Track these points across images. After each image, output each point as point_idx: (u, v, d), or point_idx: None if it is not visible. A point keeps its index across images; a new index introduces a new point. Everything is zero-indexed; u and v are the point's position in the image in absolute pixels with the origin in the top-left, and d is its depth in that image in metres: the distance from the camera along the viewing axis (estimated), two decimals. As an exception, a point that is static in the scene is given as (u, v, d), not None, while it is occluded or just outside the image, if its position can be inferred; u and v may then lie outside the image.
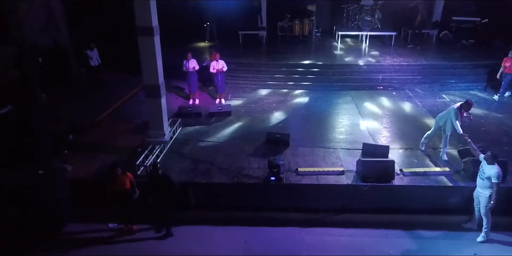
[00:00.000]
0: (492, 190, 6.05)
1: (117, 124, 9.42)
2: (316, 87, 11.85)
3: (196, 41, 15.22)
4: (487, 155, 6.10)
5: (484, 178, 6.12)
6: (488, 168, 6.06)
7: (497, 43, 14.03)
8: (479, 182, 6.25)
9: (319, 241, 6.58)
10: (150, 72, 7.53)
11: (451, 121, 7.28)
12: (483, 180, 6.15)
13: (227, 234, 6.78)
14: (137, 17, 7.08)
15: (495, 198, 6.02)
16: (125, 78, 12.24)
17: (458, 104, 7.37)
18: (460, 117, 7.25)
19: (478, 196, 6.32)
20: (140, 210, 6.70)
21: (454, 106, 7.36)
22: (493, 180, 5.97)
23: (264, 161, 7.44)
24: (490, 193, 6.08)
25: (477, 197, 6.38)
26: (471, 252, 6.23)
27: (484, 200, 6.16)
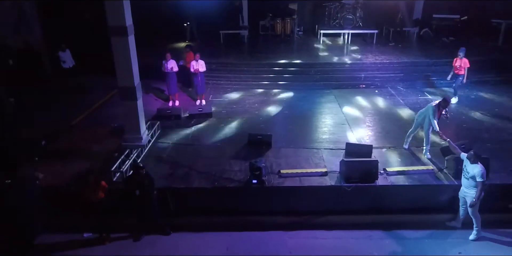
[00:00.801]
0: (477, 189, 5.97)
1: (93, 129, 9.05)
2: (298, 87, 11.71)
3: (176, 41, 14.90)
4: (470, 154, 6.02)
5: (468, 178, 6.04)
6: (471, 167, 5.98)
7: (477, 40, 14.17)
8: (464, 182, 6.17)
9: (303, 245, 6.41)
10: (124, 74, 7.23)
11: (429, 119, 7.27)
12: (468, 180, 6.07)
13: (208, 240, 6.54)
14: (109, 16, 6.78)
15: (478, 196, 5.95)
16: (102, 81, 11.83)
17: (436, 102, 7.38)
18: (437, 115, 7.26)
19: (465, 196, 6.23)
20: (116, 219, 6.40)
21: (433, 103, 7.37)
22: (478, 179, 5.89)
23: (245, 164, 7.22)
24: None
25: (463, 197, 6.30)
26: (456, 251, 6.16)
27: (471, 199, 6.08)
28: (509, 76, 11.96)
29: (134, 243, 6.51)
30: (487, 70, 12.12)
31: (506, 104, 10.28)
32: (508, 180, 6.80)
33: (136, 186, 6.11)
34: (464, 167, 6.15)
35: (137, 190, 6.09)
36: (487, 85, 11.55)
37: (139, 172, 6.14)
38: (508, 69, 12.09)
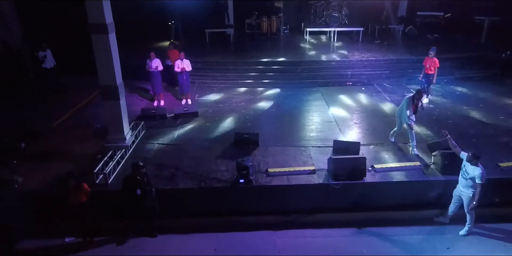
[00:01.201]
0: (475, 190, 5.93)
1: (76, 130, 8.80)
2: (285, 85, 11.63)
3: (161, 40, 14.67)
4: (469, 157, 5.93)
5: (467, 178, 5.98)
6: (471, 168, 5.91)
7: (460, 37, 14.32)
8: (462, 182, 6.10)
9: (292, 244, 6.33)
10: (106, 72, 7.01)
11: (406, 112, 7.39)
12: (466, 180, 6.01)
13: (195, 242, 6.40)
14: (89, 13, 6.56)
15: (478, 199, 5.90)
16: (84, 81, 11.53)
17: (410, 95, 7.55)
18: (412, 107, 7.37)
19: (460, 195, 6.18)
20: (99, 223, 6.22)
21: (407, 96, 7.52)
22: (477, 181, 5.84)
23: (232, 163, 7.10)
24: (473, 193, 5.96)
25: (458, 195, 6.25)
26: (444, 247, 6.16)
27: (468, 199, 6.05)
28: (492, 72, 12.12)
29: (119, 247, 6.31)
30: (471, 66, 12.28)
31: (490, 100, 10.39)
32: (494, 175, 6.81)
33: (137, 185, 5.95)
34: (463, 167, 6.07)
35: (138, 189, 5.93)
36: (471, 81, 11.67)
37: (139, 171, 5.98)
38: (491, 65, 12.25)
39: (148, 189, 6.07)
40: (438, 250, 6.09)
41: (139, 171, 5.96)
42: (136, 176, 5.95)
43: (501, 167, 7.01)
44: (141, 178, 5.97)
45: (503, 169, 6.97)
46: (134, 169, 5.97)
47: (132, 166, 6.02)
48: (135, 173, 5.96)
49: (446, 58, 12.45)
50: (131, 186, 5.93)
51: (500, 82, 11.59)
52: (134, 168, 5.97)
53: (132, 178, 5.98)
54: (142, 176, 5.99)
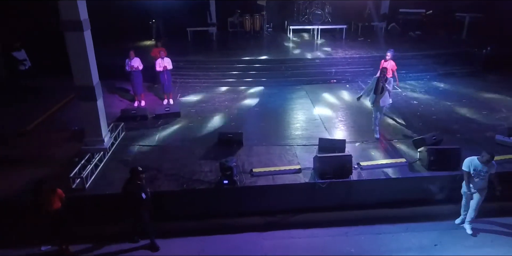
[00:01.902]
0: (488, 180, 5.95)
1: (51, 133, 8.45)
2: (269, 83, 11.48)
3: (142, 39, 14.35)
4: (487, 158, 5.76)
5: (486, 176, 5.90)
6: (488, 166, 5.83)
7: (442, 33, 14.43)
8: (480, 183, 5.96)
9: (279, 245, 6.16)
10: (82, 72, 6.72)
11: (372, 93, 7.75)
12: (483, 180, 5.93)
13: (179, 246, 6.16)
14: (62, 9, 6.26)
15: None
16: (61, 82, 11.15)
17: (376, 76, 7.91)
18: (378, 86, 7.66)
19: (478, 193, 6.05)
20: (75, 229, 5.94)
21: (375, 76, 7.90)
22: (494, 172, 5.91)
23: (216, 164, 6.88)
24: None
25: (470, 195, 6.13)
26: (432, 243, 6.09)
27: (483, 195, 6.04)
28: (474, 67, 12.23)
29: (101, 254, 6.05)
30: (453, 63, 12.37)
31: (472, 95, 10.46)
32: (479, 170, 6.80)
33: (140, 189, 5.71)
34: (477, 171, 5.89)
35: (143, 193, 5.69)
36: (454, 77, 11.74)
37: (139, 176, 5.73)
38: (472, 61, 12.35)
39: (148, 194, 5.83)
40: (425, 247, 6.02)
41: (139, 176, 5.72)
42: (137, 181, 5.71)
43: (485, 162, 6.98)
44: (141, 182, 5.74)
45: (488, 164, 6.94)
46: (134, 174, 5.71)
47: (131, 171, 5.76)
48: (136, 179, 5.71)
49: (429, 54, 12.60)
50: (136, 190, 5.68)
51: (482, 78, 11.69)
52: (134, 174, 5.71)
53: (133, 183, 5.72)
54: (142, 180, 5.76)
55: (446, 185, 6.77)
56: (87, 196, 6.33)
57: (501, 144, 7.58)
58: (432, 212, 6.69)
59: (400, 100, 10.22)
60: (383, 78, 7.64)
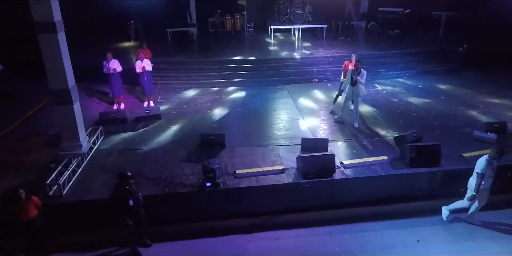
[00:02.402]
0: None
1: (26, 139, 8.16)
2: (251, 83, 11.42)
3: (120, 40, 14.09)
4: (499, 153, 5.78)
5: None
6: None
7: (420, 32, 14.67)
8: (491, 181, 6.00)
9: (263, 247, 6.11)
10: (56, 75, 6.51)
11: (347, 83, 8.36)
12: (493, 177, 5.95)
13: (161, 251, 6.04)
14: (34, 11, 6.04)
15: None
16: (36, 86, 10.83)
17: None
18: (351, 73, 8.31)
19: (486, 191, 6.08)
20: (53, 238, 5.75)
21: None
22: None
23: (198, 166, 6.78)
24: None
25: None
26: (414, 239, 6.15)
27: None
28: (451, 65, 12.48)
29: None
30: (431, 60, 12.59)
31: (450, 92, 10.65)
32: (459, 165, 6.93)
33: (129, 195, 5.55)
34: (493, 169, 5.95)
35: (130, 200, 5.52)
36: (433, 75, 11.95)
37: (128, 181, 5.57)
38: (449, 59, 12.61)
39: (137, 198, 5.69)
40: (408, 243, 6.08)
41: (128, 181, 5.56)
42: (126, 187, 5.55)
43: (465, 158, 7.12)
44: (130, 188, 5.59)
45: (467, 159, 7.07)
46: (123, 180, 5.55)
47: (120, 176, 5.60)
48: (124, 184, 5.55)
49: (408, 52, 12.79)
50: (123, 197, 5.52)
51: (459, 75, 11.93)
52: (123, 179, 5.55)
53: (122, 189, 5.57)
54: (131, 186, 5.61)
55: (427, 182, 6.86)
56: (64, 203, 6.13)
57: (479, 139, 7.73)
58: (414, 209, 6.77)
59: (381, 98, 10.33)
60: (356, 72, 8.17)
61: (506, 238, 6.14)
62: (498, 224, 6.43)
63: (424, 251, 5.93)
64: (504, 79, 11.45)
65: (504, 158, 7.03)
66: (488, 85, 11.00)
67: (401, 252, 5.91)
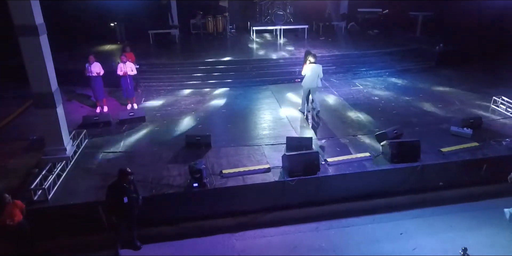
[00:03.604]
0: None
1: (7, 143, 8.02)
2: (235, 84, 11.51)
3: (102, 43, 13.95)
4: None
5: None
6: None
7: (398, 31, 15.07)
8: None
9: (251, 245, 6.21)
10: (39, 79, 6.43)
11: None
12: None
13: (149, 252, 6.07)
14: (15, 14, 5.97)
15: None
16: (15, 89, 10.65)
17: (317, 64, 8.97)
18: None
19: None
20: (39, 243, 5.70)
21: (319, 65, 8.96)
22: None
23: (185, 167, 6.84)
24: None
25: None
26: (398, 232, 6.37)
27: None
28: (428, 63, 12.88)
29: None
30: (409, 59, 12.95)
31: (428, 90, 11.00)
32: (437, 160, 7.20)
33: (124, 193, 5.54)
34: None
35: (125, 197, 5.50)
36: (410, 73, 12.30)
37: (127, 177, 5.56)
38: (426, 58, 13.01)
39: (135, 197, 5.69)
40: (392, 236, 6.29)
41: (126, 178, 5.55)
42: (123, 184, 5.54)
43: (443, 152, 7.40)
44: (128, 185, 5.58)
45: (445, 154, 7.36)
46: (121, 176, 5.55)
47: (119, 172, 5.60)
48: (122, 180, 5.53)
49: (387, 52, 13.12)
50: (117, 194, 5.51)
51: (436, 73, 12.32)
52: (121, 175, 5.55)
53: (118, 186, 5.56)
54: (129, 183, 5.61)
55: (408, 177, 7.10)
56: (50, 208, 6.07)
57: (456, 135, 8.03)
58: (396, 203, 7.00)
59: (362, 96, 10.58)
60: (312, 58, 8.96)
61: (482, 229, 6.41)
62: (475, 215, 6.71)
63: (407, 244, 6.14)
64: (479, 76, 11.91)
65: (479, 152, 7.41)
66: (463, 82, 11.41)
67: (386, 245, 6.10)
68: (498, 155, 7.40)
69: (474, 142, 7.71)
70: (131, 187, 5.74)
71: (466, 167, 7.26)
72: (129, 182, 5.69)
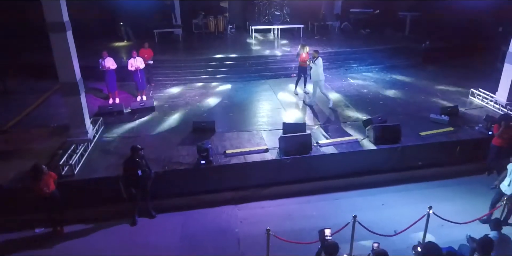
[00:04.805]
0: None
1: (31, 130, 8.88)
2: (235, 79, 12.41)
3: (112, 41, 14.84)
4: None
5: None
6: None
7: (388, 31, 16.01)
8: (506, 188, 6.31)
9: (251, 214, 7.12)
10: (66, 70, 7.37)
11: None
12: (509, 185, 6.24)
13: (163, 221, 6.96)
14: (47, 12, 6.88)
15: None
16: (29, 85, 11.53)
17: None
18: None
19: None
20: (67, 212, 6.62)
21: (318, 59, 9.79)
22: None
23: (192, 148, 7.73)
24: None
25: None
26: (379, 203, 7.28)
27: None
28: (415, 60, 13.82)
29: (91, 234, 6.69)
30: (398, 56, 13.85)
31: (413, 84, 11.94)
32: (416, 142, 8.13)
33: (137, 166, 6.44)
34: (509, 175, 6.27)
35: (139, 170, 6.39)
36: (398, 69, 13.24)
37: (138, 153, 6.46)
38: (413, 55, 13.95)
39: (147, 170, 6.57)
40: (374, 206, 7.19)
41: (138, 153, 6.45)
42: (136, 159, 6.42)
43: (421, 136, 8.32)
44: (140, 160, 6.46)
45: (423, 137, 8.29)
46: (134, 151, 6.45)
47: (131, 149, 6.52)
48: (134, 156, 6.42)
49: (377, 49, 14.02)
50: (132, 167, 6.40)
51: (422, 68, 13.29)
52: (134, 151, 6.45)
53: (132, 160, 6.45)
54: (141, 158, 6.50)
55: (390, 156, 8.02)
56: (76, 181, 6.96)
57: (434, 121, 8.96)
58: (379, 180, 7.91)
59: (352, 89, 11.51)
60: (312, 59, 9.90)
61: (455, 200, 7.32)
62: (450, 190, 7.63)
63: (387, 212, 7.05)
64: (461, 71, 12.86)
65: (454, 136, 8.34)
66: (446, 77, 12.36)
67: (368, 213, 6.99)
68: (470, 138, 8.34)
69: (450, 127, 8.65)
70: (143, 161, 6.63)
71: (442, 148, 8.19)
72: (141, 157, 6.58)
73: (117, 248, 6.37)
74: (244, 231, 6.68)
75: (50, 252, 6.33)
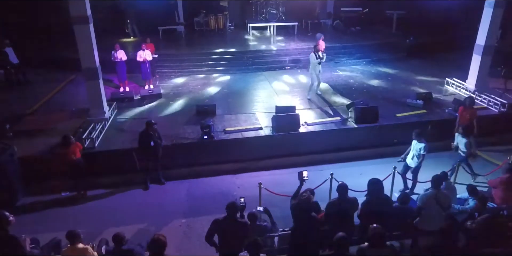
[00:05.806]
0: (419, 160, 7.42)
1: (53, 113, 10.00)
2: (234, 71, 13.55)
3: (120, 37, 15.94)
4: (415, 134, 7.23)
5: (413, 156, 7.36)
6: (418, 145, 7.28)
7: (377, 28, 17.15)
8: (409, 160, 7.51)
9: (248, 182, 8.25)
10: (87, 57, 8.52)
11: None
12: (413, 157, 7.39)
13: (172, 187, 8.12)
14: (71, 7, 8.02)
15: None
16: (45, 76, 12.64)
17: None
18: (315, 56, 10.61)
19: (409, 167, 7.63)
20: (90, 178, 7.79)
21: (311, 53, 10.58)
22: (422, 152, 7.22)
23: (196, 127, 8.89)
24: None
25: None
26: (358, 173, 8.38)
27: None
28: (400, 54, 14.95)
29: (111, 197, 7.83)
30: (384, 51, 14.98)
31: (397, 75, 13.09)
32: (392, 121, 9.29)
33: (150, 138, 7.51)
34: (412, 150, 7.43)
35: (152, 142, 7.48)
36: (384, 62, 14.36)
37: (152, 126, 7.52)
38: (399, 49, 15.08)
39: (159, 142, 7.68)
40: (354, 175, 8.30)
41: (151, 127, 7.54)
42: (150, 132, 7.51)
43: (397, 117, 9.48)
44: (153, 133, 7.55)
45: (399, 118, 9.46)
46: (148, 125, 7.54)
47: (146, 123, 7.62)
48: (148, 129, 7.51)
49: (366, 44, 15.15)
50: (146, 139, 7.49)
51: (406, 62, 14.41)
52: (148, 125, 7.54)
53: (146, 133, 7.54)
54: (154, 131, 7.59)
55: (369, 134, 9.15)
56: (97, 152, 8.10)
57: (410, 105, 10.12)
58: (360, 155, 9.05)
59: (341, 80, 12.65)
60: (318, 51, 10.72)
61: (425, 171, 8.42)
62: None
63: (363, 179, 8.14)
64: (441, 64, 13.99)
65: (426, 117, 9.47)
66: (427, 69, 13.50)
67: (347, 180, 8.06)
68: (440, 119, 9.48)
69: (423, 110, 9.80)
70: (156, 134, 7.75)
71: (415, 127, 9.24)
72: (154, 130, 7.70)
73: (133, 207, 7.51)
74: (241, 194, 7.76)
75: (75, 210, 7.47)
